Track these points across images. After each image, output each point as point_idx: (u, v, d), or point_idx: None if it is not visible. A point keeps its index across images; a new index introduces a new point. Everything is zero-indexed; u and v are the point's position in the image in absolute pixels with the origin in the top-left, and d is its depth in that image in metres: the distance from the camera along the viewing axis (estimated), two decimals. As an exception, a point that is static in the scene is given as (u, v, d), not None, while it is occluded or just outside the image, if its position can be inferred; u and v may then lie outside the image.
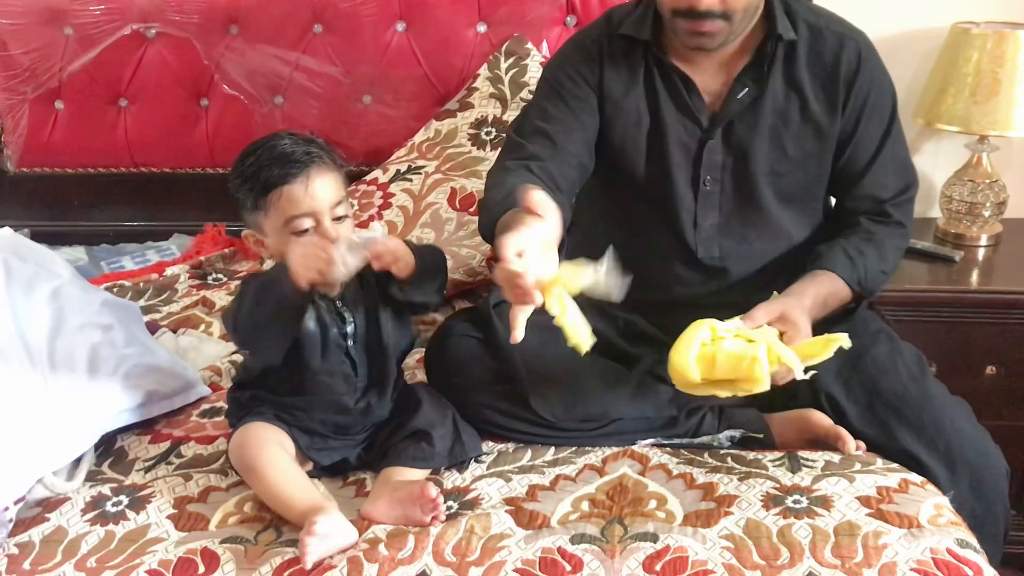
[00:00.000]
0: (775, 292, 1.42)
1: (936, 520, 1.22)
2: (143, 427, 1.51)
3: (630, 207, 1.55)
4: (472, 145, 2.01)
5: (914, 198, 1.56)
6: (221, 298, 1.96)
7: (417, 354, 1.62)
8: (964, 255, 2.05)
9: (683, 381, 1.32)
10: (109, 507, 1.32)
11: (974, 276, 2.02)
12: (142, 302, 1.95)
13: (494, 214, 1.35)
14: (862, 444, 1.40)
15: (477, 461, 1.41)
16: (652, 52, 1.49)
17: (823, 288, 1.44)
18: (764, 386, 1.29)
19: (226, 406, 1.46)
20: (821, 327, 1.41)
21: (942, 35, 2.05)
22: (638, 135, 1.51)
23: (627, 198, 1.56)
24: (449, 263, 1.82)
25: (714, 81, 1.49)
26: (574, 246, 1.69)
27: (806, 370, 1.30)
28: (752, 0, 1.40)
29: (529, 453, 1.43)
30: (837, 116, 1.48)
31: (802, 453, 1.40)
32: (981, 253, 2.09)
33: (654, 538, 1.21)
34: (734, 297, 1.53)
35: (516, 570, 1.16)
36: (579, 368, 1.49)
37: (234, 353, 1.73)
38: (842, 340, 1.31)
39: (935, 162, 2.21)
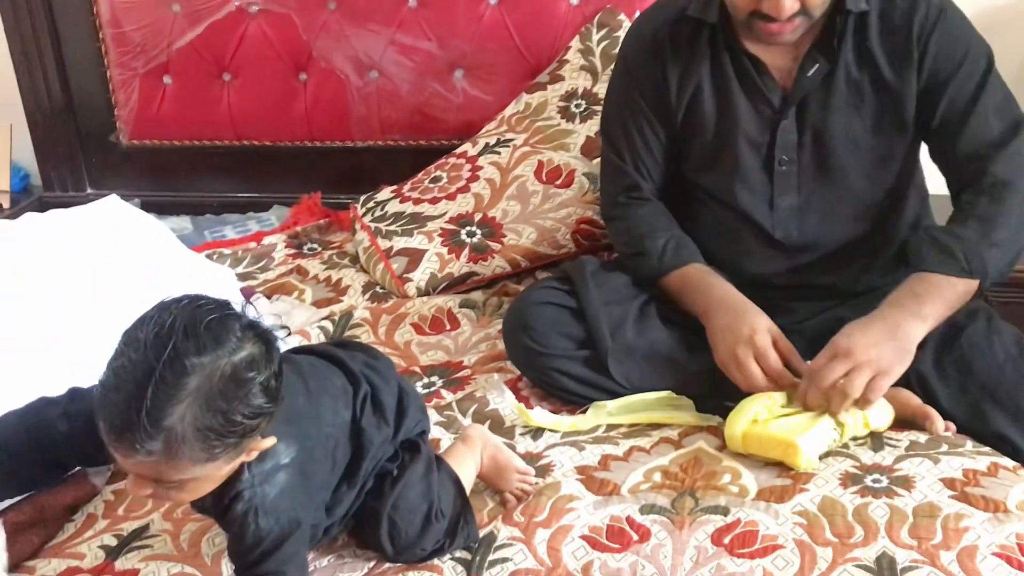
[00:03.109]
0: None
1: (1026, 505, 1.17)
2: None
3: (702, 190, 1.53)
4: (561, 118, 2.00)
5: (1022, 150, 1.43)
6: (315, 267, 2.02)
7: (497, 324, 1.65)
8: (1079, 235, 1.94)
9: (734, 448, 1.32)
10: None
11: (1089, 257, 1.91)
12: (240, 269, 2.02)
13: (663, 267, 1.51)
14: (952, 425, 1.35)
15: (552, 431, 1.42)
16: (720, 34, 1.46)
17: (916, 283, 1.36)
18: (806, 469, 1.27)
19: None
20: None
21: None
22: (706, 119, 1.49)
23: (698, 181, 1.54)
24: (533, 236, 1.87)
25: (783, 60, 1.45)
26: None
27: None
28: None
29: (605, 425, 1.43)
30: (912, 79, 1.41)
31: (887, 433, 1.35)
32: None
33: (725, 511, 1.20)
34: (818, 277, 1.51)
35: (583, 536, 1.17)
36: (661, 340, 1.49)
37: (324, 319, 1.78)
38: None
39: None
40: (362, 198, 2.11)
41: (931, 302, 1.34)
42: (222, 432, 0.89)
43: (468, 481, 1.24)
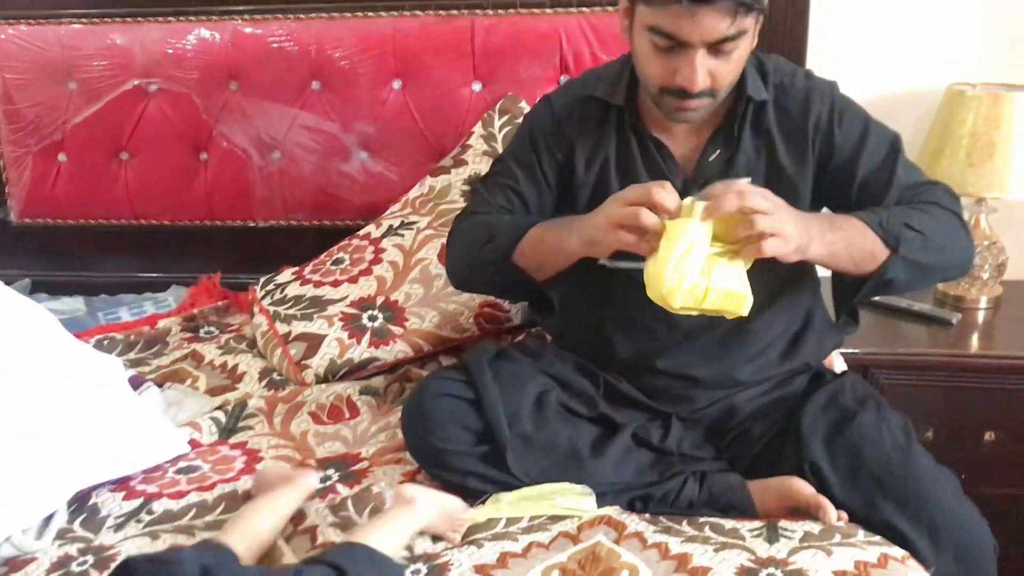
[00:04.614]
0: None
1: (913, 597, 1.18)
2: (119, 481, 1.50)
3: (607, 275, 1.54)
4: (465, 201, 2.01)
5: (947, 188, 1.48)
6: (211, 351, 1.97)
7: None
8: (963, 318, 2.02)
9: (664, 305, 1.27)
10: (74, 567, 1.31)
11: (973, 340, 1.99)
12: (132, 355, 1.95)
13: (518, 231, 1.46)
14: (844, 515, 1.36)
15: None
16: (626, 118, 1.49)
17: (836, 216, 1.38)
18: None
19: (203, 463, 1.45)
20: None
21: (938, 97, 2.04)
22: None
23: (602, 267, 1.55)
24: (436, 319, 1.86)
25: (686, 145, 1.49)
26: (550, 322, 1.70)
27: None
28: (736, 75, 1.40)
29: (504, 519, 1.40)
30: (808, 170, 1.47)
31: (782, 523, 1.36)
32: (980, 316, 2.05)
33: (622, 611, 1.18)
34: (716, 363, 1.52)
35: (478, 643, 1.14)
36: (561, 432, 1.48)
37: (217, 409, 1.73)
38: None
39: (934, 223, 2.18)
40: (262, 280, 2.07)
41: (840, 234, 1.36)
42: None
43: (395, 549, 1.28)
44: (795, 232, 1.28)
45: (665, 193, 1.27)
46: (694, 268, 1.23)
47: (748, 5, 1.28)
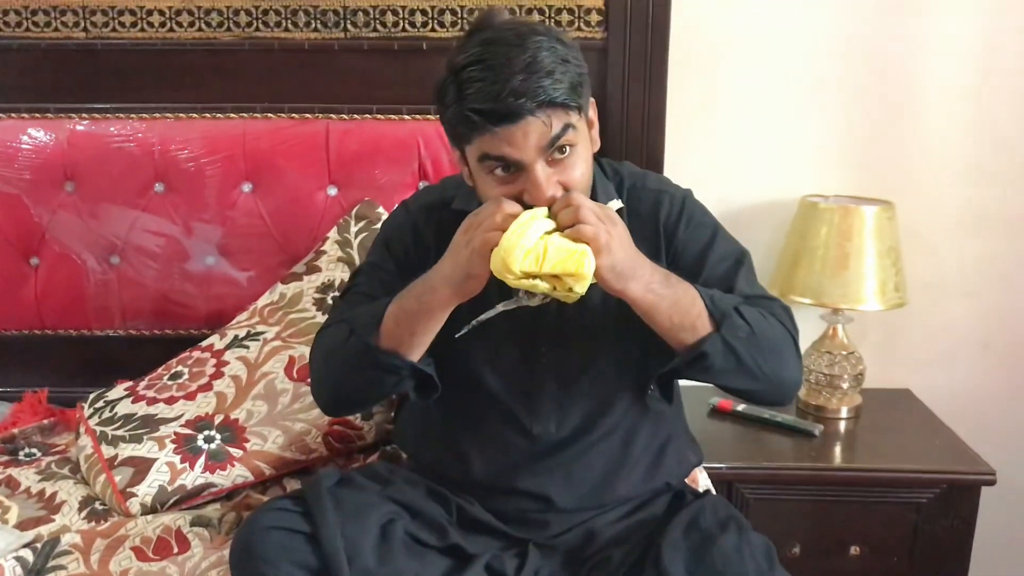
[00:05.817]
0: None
1: None
2: None
3: (461, 389, 1.46)
4: (317, 310, 1.90)
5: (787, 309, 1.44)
6: (28, 477, 1.77)
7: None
8: (825, 428, 2.01)
9: (504, 269, 1.22)
10: None
11: (836, 451, 1.97)
12: (-66, 483, 1.74)
13: (376, 313, 1.36)
14: (708, 650, 1.28)
15: None
16: None
17: (674, 276, 1.32)
18: (586, 284, 1.22)
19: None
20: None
21: (793, 207, 2.07)
22: (462, 308, 1.43)
23: (458, 380, 1.47)
24: (281, 440, 1.72)
25: None
26: (407, 442, 1.61)
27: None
28: (587, 178, 1.35)
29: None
30: (661, 265, 1.41)
31: (642, 662, 1.27)
32: (842, 425, 2.05)
33: None
34: (574, 483, 1.45)
35: None
36: (407, 567, 1.36)
37: (25, 546, 1.53)
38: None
39: (794, 332, 2.19)
40: (91, 396, 1.90)
41: (670, 291, 1.30)
42: None
43: None
44: (619, 256, 1.24)
45: (510, 203, 1.26)
46: (535, 232, 1.22)
47: (561, 104, 1.24)
